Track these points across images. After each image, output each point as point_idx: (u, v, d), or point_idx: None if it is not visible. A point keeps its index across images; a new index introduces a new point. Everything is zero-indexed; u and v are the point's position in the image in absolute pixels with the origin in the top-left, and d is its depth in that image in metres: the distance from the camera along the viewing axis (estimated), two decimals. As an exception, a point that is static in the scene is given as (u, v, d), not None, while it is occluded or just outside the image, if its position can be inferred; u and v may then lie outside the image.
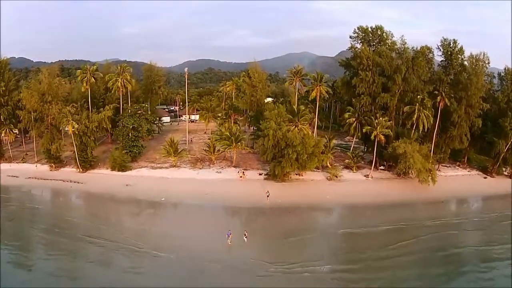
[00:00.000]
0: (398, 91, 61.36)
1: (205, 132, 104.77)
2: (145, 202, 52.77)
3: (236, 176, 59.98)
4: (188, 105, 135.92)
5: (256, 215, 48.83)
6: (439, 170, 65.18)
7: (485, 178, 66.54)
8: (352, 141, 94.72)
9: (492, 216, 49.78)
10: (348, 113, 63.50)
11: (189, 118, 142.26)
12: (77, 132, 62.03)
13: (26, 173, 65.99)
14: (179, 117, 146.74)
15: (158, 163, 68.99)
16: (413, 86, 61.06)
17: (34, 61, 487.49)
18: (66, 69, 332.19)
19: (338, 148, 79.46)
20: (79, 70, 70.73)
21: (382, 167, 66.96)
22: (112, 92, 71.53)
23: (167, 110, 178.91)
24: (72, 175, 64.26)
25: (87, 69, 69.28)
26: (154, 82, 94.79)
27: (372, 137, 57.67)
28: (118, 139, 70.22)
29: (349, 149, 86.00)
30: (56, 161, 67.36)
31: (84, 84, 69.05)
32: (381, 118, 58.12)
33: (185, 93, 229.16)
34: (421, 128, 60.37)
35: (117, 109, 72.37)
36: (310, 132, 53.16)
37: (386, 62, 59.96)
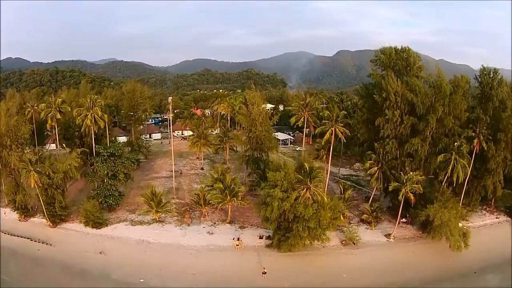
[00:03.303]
0: (430, 133, 50.71)
1: (197, 158, 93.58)
2: (121, 284, 42.05)
3: (231, 242, 49.12)
4: (179, 122, 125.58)
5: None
6: (466, 220, 55.49)
7: (514, 226, 57.00)
8: (359, 169, 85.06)
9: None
10: (369, 161, 52.54)
11: (181, 134, 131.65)
12: (40, 185, 51.28)
13: (-8, 222, 55.81)
14: (172, 132, 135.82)
15: (139, 214, 58.00)
16: (449, 129, 50.49)
17: (30, 61, 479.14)
18: (61, 72, 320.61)
19: (352, 187, 68.61)
20: (42, 104, 59.42)
21: (404, 220, 56.46)
22: (82, 130, 60.01)
23: (160, 119, 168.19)
24: (41, 230, 54.28)
25: (51, 103, 57.90)
26: (138, 105, 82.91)
27: (400, 196, 46.92)
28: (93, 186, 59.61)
29: (361, 183, 76.35)
30: (24, 211, 57.19)
31: (50, 121, 57.79)
32: (411, 173, 47.38)
33: (182, 97, 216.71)
34: (455, 180, 49.83)
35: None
36: (325, 197, 42.14)
37: (419, 99, 49.17)
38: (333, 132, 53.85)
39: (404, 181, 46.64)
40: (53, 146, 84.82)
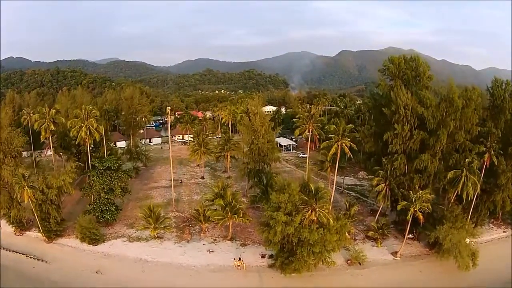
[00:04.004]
0: (440, 149, 48.63)
1: (198, 165, 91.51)
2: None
3: (232, 262, 47.16)
4: (180, 126, 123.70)
5: None
6: (474, 236, 53.54)
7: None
8: (363, 178, 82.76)
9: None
10: (377, 178, 50.46)
11: (182, 138, 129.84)
12: (35, 200, 49.53)
13: (-12, 235, 54.19)
14: (172, 136, 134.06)
15: (138, 230, 56.08)
16: (459, 145, 48.40)
17: (32, 61, 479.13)
18: (62, 72, 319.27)
19: (357, 199, 66.74)
20: (36, 115, 57.36)
21: (410, 236, 54.41)
22: (77, 142, 58.04)
23: (160, 121, 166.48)
24: (36, 246, 52.69)
25: (45, 114, 55.88)
26: (136, 112, 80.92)
27: (409, 216, 44.86)
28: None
29: (365, 194, 74.08)
30: (19, 224, 55.66)
31: (43, 133, 55.83)
32: (420, 191, 45.32)
33: (183, 98, 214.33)
34: (464, 197, 47.74)
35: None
36: (331, 220, 40.07)
37: (430, 113, 47.10)
38: (339, 146, 51.68)
39: (413, 200, 44.58)
40: (50, 152, 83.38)
